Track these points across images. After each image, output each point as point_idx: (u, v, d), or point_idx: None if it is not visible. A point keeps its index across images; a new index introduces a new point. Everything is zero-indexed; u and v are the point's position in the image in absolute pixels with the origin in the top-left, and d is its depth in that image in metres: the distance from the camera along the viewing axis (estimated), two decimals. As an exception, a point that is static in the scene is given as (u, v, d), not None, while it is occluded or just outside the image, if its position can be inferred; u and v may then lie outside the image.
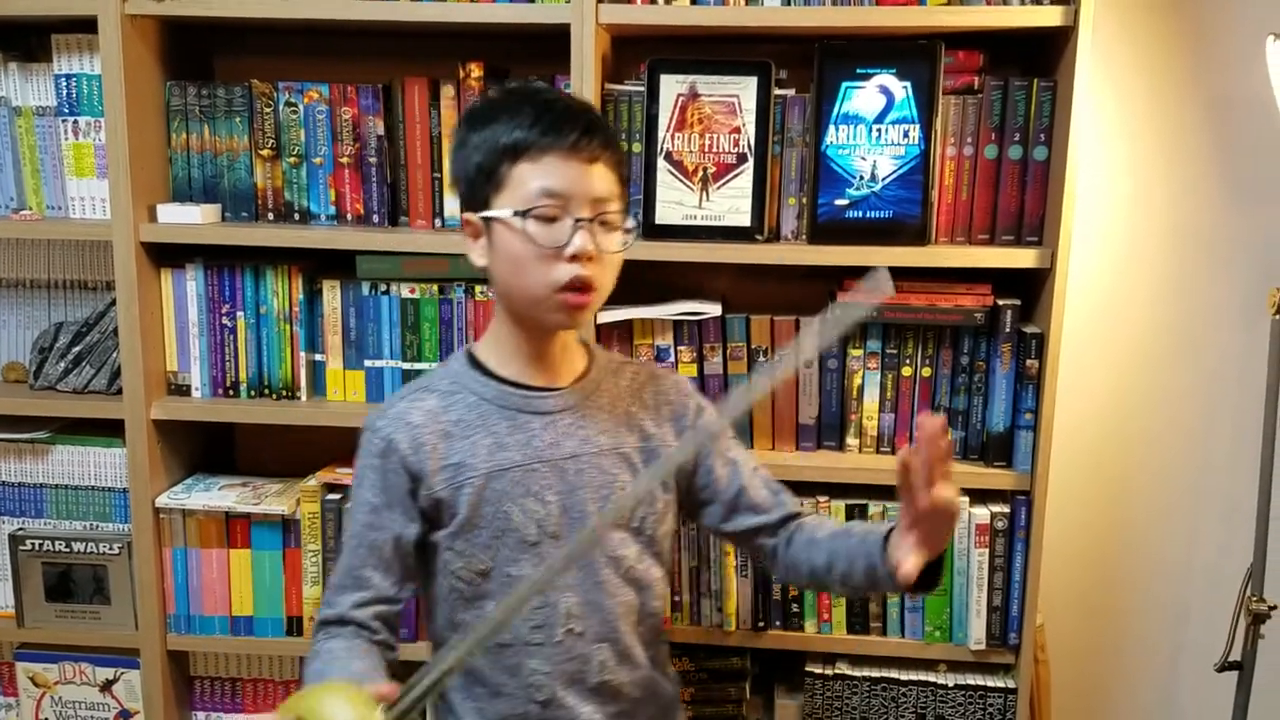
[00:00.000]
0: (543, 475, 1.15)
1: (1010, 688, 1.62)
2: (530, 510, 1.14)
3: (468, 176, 1.13)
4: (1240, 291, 1.79)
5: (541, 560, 1.14)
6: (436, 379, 1.20)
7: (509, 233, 1.09)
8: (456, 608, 1.17)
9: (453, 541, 1.15)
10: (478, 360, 1.19)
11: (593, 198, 1.09)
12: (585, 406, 1.19)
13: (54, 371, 1.71)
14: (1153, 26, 1.74)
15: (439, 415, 1.15)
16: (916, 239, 1.55)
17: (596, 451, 1.18)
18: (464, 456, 1.14)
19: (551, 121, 1.09)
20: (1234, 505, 1.82)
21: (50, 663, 1.76)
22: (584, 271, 1.09)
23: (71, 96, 1.63)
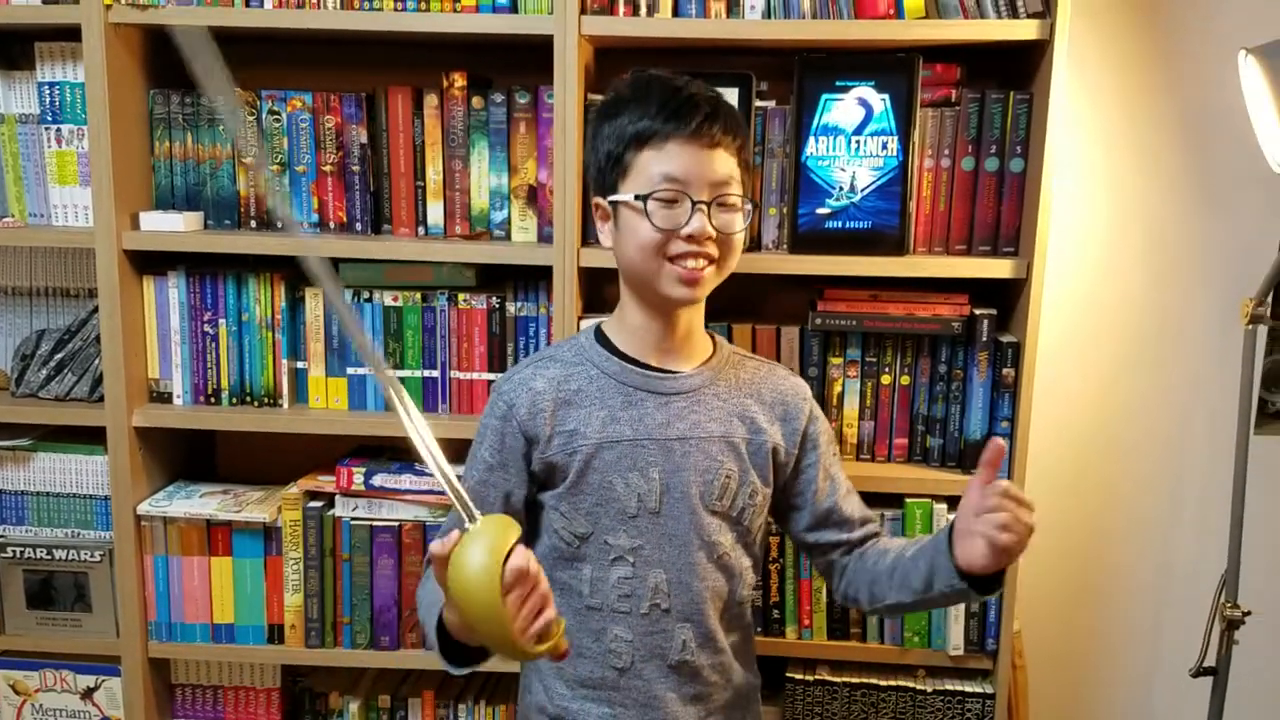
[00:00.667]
0: (650, 452, 1.20)
1: (988, 693, 1.63)
2: (634, 484, 1.19)
3: (598, 164, 1.20)
4: (1214, 301, 1.81)
5: (640, 533, 1.20)
6: (563, 349, 1.26)
7: (632, 215, 1.15)
8: (556, 565, 1.22)
9: (559, 503, 1.21)
10: (605, 336, 1.25)
11: (712, 181, 1.15)
12: (701, 393, 1.23)
13: (35, 379, 1.71)
14: (1128, 41, 1.77)
15: (560, 384, 1.21)
16: (895, 249, 1.57)
17: (705, 437, 1.22)
18: (578, 425, 1.20)
19: (674, 109, 1.14)
20: (1208, 512, 1.84)
21: (31, 670, 1.76)
22: (699, 248, 1.15)
23: (55, 104, 1.63)
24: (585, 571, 1.21)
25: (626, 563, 1.20)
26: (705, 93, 1.18)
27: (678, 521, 1.21)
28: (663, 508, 1.20)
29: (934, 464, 1.64)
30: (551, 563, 1.22)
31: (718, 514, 1.22)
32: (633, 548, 1.20)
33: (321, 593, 1.68)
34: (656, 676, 1.22)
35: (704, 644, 1.23)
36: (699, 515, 1.21)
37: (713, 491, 1.22)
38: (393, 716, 1.76)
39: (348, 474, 1.65)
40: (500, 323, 1.64)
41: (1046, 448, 1.83)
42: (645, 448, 1.20)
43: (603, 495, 1.20)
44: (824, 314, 1.60)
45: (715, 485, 1.22)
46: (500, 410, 1.22)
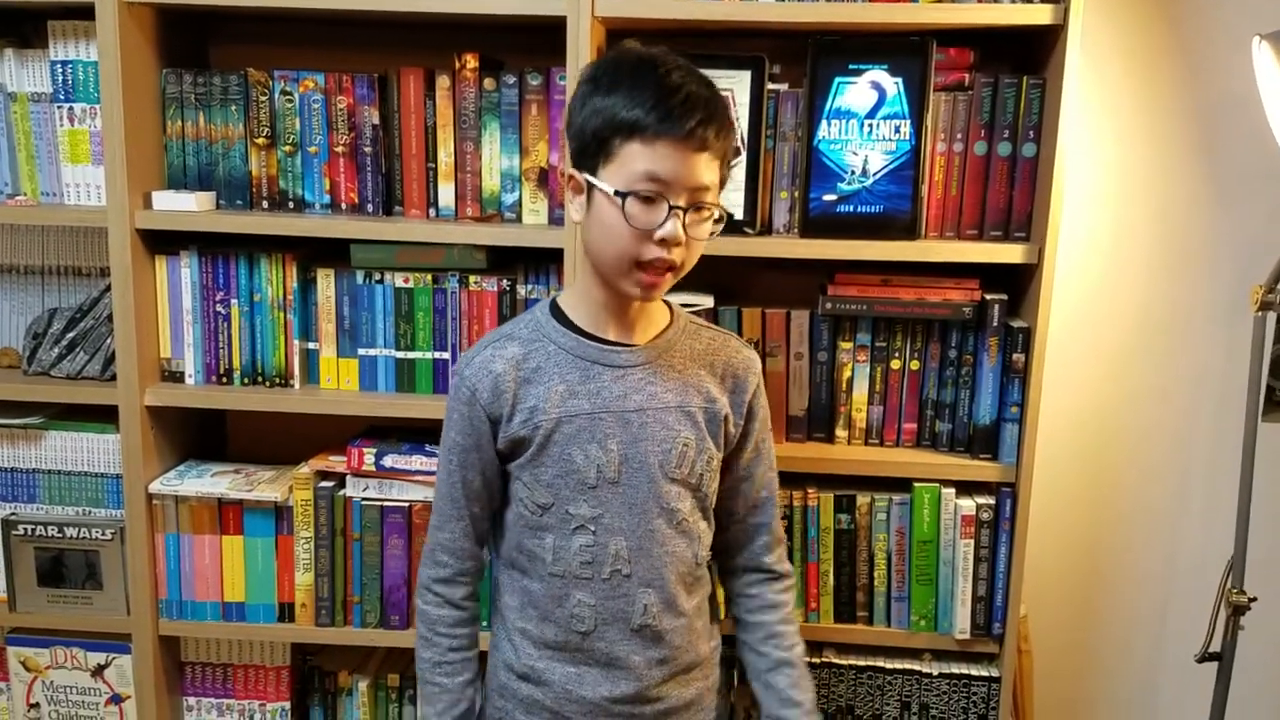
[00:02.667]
0: (608, 424, 1.22)
1: (994, 677, 1.64)
2: (593, 455, 1.21)
3: (581, 136, 1.16)
4: (1223, 288, 1.81)
5: (600, 503, 1.22)
6: (520, 327, 1.27)
7: (607, 204, 1.14)
8: (523, 534, 1.25)
9: (522, 474, 1.24)
10: (560, 311, 1.26)
11: (692, 186, 1.14)
12: (657, 364, 1.25)
13: (48, 357, 1.72)
14: (1141, 26, 1.76)
15: (520, 363, 1.23)
16: (906, 234, 1.57)
17: (662, 407, 1.24)
18: (538, 401, 1.21)
19: (670, 108, 1.11)
20: (1215, 499, 1.85)
21: (42, 647, 1.77)
22: (668, 255, 1.15)
23: (67, 83, 1.63)
24: (548, 540, 1.24)
25: (588, 531, 1.22)
26: (702, 91, 1.14)
27: (637, 490, 1.23)
28: (621, 477, 1.22)
29: (943, 449, 1.64)
30: (519, 531, 1.26)
31: (676, 481, 1.24)
32: (593, 516, 1.22)
33: (332, 572, 1.69)
34: (619, 639, 1.24)
35: (666, 608, 1.25)
36: (658, 484, 1.23)
37: (671, 460, 1.24)
38: (401, 695, 1.78)
39: (358, 454, 1.66)
40: (511, 305, 1.65)
41: (1055, 433, 1.84)
42: (603, 420, 1.22)
43: (563, 467, 1.22)
44: (834, 298, 1.60)
45: (673, 454, 1.24)
46: (464, 396, 1.24)
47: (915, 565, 1.64)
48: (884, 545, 1.64)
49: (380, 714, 1.79)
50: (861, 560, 1.65)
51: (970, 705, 1.65)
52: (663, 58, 1.16)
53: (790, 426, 1.67)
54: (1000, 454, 1.61)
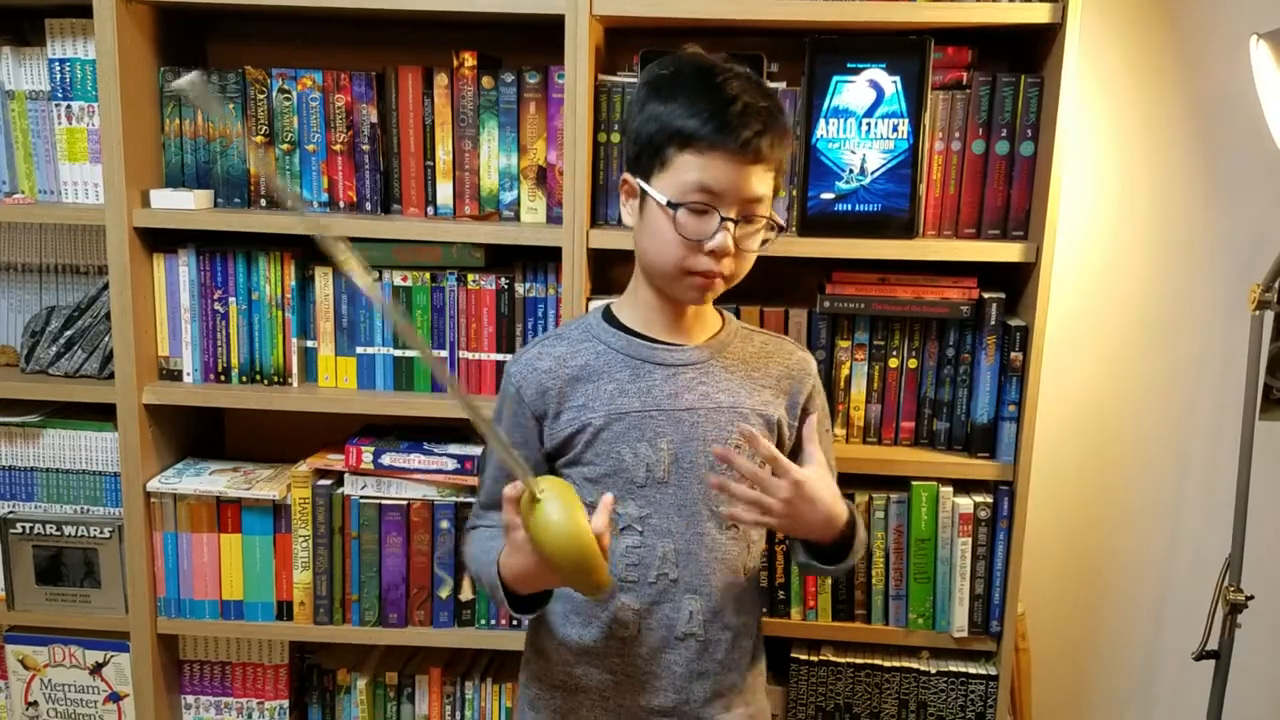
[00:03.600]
0: (659, 423, 1.21)
1: (991, 675, 1.64)
2: (642, 454, 1.20)
3: (637, 141, 1.17)
4: (1221, 286, 1.81)
5: (648, 503, 1.21)
6: (570, 328, 1.28)
7: (659, 212, 1.14)
8: None
9: (570, 472, 1.23)
10: (613, 315, 1.26)
11: (745, 198, 1.13)
12: (710, 365, 1.24)
13: (45, 355, 1.72)
14: (1139, 25, 1.76)
15: (566, 361, 1.22)
16: (904, 232, 1.57)
17: (714, 408, 1.22)
18: (587, 399, 1.21)
19: (727, 120, 1.10)
20: (1213, 497, 1.85)
21: (40, 645, 1.77)
22: (717, 266, 1.14)
23: (65, 81, 1.63)
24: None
25: (635, 531, 1.21)
26: (760, 102, 1.13)
27: (686, 491, 1.21)
28: (671, 478, 1.21)
29: (940, 447, 1.65)
30: None
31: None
32: (641, 516, 1.21)
33: (330, 570, 1.69)
34: (661, 647, 1.22)
35: (712, 618, 1.23)
36: (708, 485, 1.21)
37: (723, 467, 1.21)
38: (400, 693, 1.78)
39: (356, 453, 1.66)
40: (509, 303, 1.65)
41: (1053, 432, 1.84)
42: (654, 418, 1.21)
43: (611, 465, 1.20)
44: (832, 297, 1.60)
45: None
46: (510, 392, 1.24)
47: (913, 563, 1.64)
48: (882, 543, 1.64)
49: (379, 712, 1.79)
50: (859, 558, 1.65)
51: (968, 703, 1.65)
52: (722, 66, 1.16)
53: (788, 425, 1.67)
54: (998, 452, 1.61)
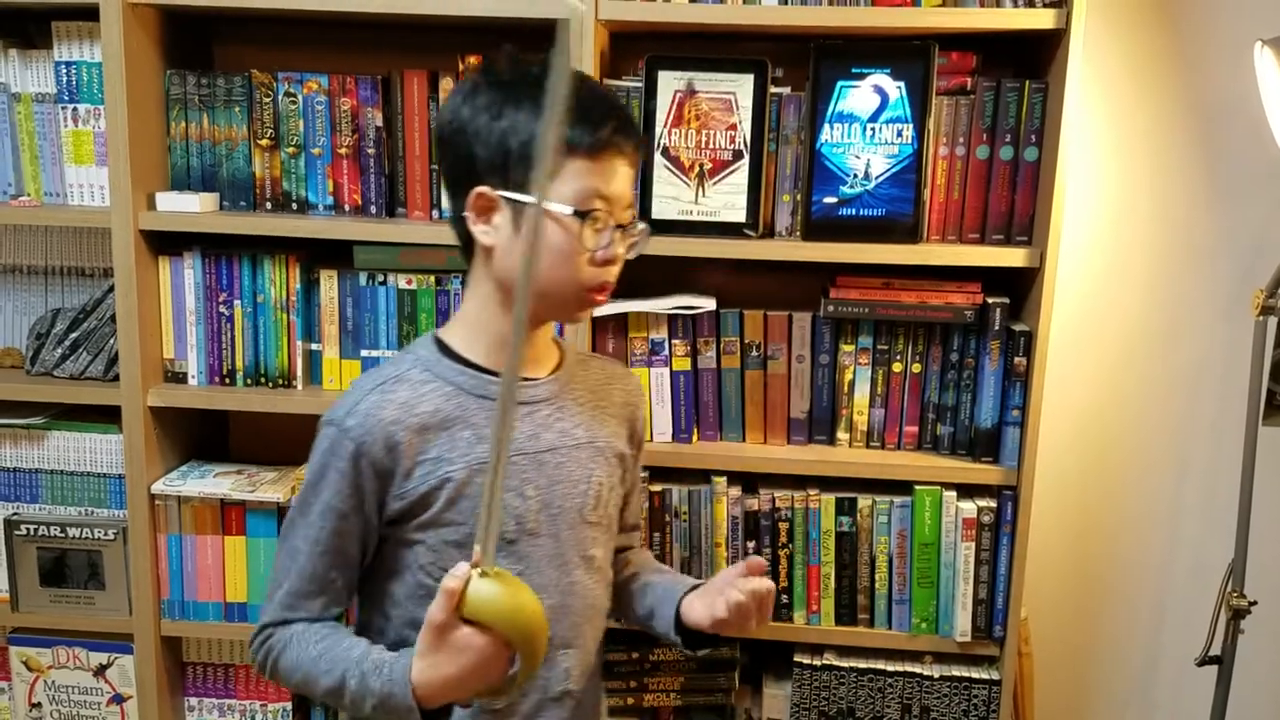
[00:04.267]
0: (523, 469, 1.10)
1: (994, 679, 1.64)
2: (510, 506, 1.09)
3: (502, 151, 1.04)
4: (1224, 292, 1.82)
5: (519, 558, 1.10)
6: (406, 367, 1.11)
7: (553, 226, 1.03)
8: (420, 607, 1.03)
9: (424, 536, 1.09)
10: (449, 348, 1.12)
11: (627, 204, 1.09)
12: (562, 398, 1.16)
13: (51, 357, 1.72)
14: (1143, 31, 1.77)
15: (413, 407, 1.08)
16: (908, 237, 1.58)
17: (574, 444, 1.15)
18: (442, 451, 1.08)
19: (619, 125, 1.06)
20: (1216, 502, 1.85)
21: (44, 647, 1.77)
22: (611, 278, 1.10)
23: (71, 84, 1.64)
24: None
25: None
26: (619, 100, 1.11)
27: (557, 540, 1.13)
28: (541, 528, 1.11)
29: (944, 452, 1.65)
30: (417, 602, 1.09)
31: (594, 525, 1.16)
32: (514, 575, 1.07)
33: (333, 573, 1.69)
34: (536, 712, 1.13)
35: (583, 671, 1.17)
36: (577, 530, 1.14)
37: (589, 503, 1.15)
38: (403, 696, 1.78)
39: (361, 455, 1.66)
40: (513, 306, 1.65)
41: (1057, 436, 1.84)
42: (518, 464, 1.10)
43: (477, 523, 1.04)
44: (836, 301, 1.60)
45: (590, 495, 1.15)
46: (347, 450, 1.06)
47: (916, 568, 1.64)
48: (885, 548, 1.64)
49: (381, 715, 1.79)
50: (863, 563, 1.65)
51: (971, 708, 1.65)
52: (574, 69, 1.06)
53: (792, 429, 1.67)
54: (1001, 457, 1.61)
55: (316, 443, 1.10)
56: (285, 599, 1.10)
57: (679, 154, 1.60)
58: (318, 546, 1.08)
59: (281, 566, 1.11)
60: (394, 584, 1.12)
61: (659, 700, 1.71)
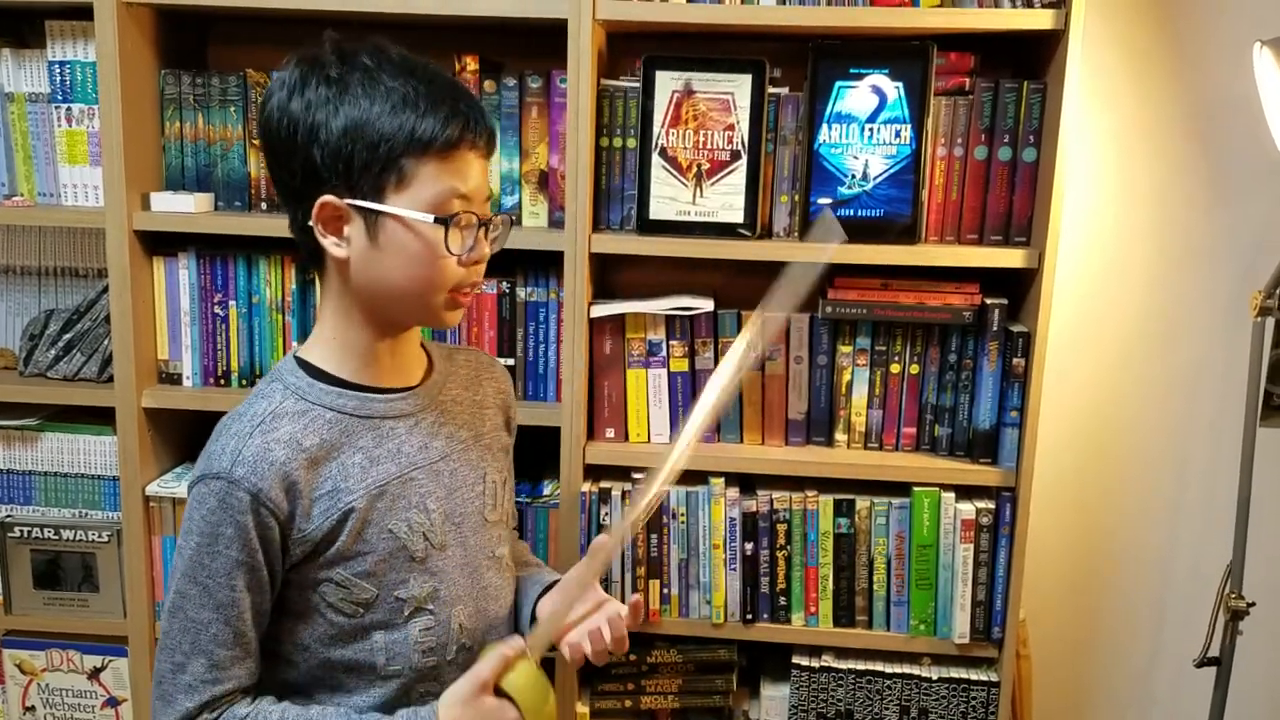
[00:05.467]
0: (421, 483, 1.07)
1: (993, 681, 1.64)
2: (416, 523, 1.06)
3: (345, 153, 0.97)
4: (1223, 293, 1.82)
5: (431, 575, 1.07)
6: (278, 399, 1.03)
7: (407, 233, 0.98)
8: (334, 646, 1.05)
9: (330, 573, 1.03)
10: (317, 369, 1.06)
11: (485, 197, 1.04)
12: (441, 401, 1.12)
13: (44, 358, 1.71)
14: (1142, 32, 1.76)
15: (299, 442, 1.01)
16: (907, 238, 1.57)
17: (464, 447, 1.12)
18: (336, 481, 1.02)
19: (469, 117, 0.99)
20: (1214, 503, 1.85)
21: (38, 650, 1.76)
22: (478, 276, 1.05)
23: (65, 83, 1.63)
24: (378, 639, 1.05)
25: (426, 612, 1.06)
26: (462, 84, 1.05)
27: (464, 548, 1.10)
28: (448, 539, 1.08)
29: (942, 453, 1.64)
30: (327, 645, 1.05)
31: (494, 524, 1.15)
32: (429, 594, 1.06)
33: (329, 575, 1.69)
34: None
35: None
36: (481, 533, 1.12)
37: (488, 503, 1.13)
38: (399, 699, 1.77)
39: (357, 457, 1.65)
40: (510, 308, 1.64)
41: (1055, 438, 1.84)
42: (415, 480, 1.06)
43: (387, 548, 1.03)
44: (834, 302, 1.60)
45: (488, 495, 1.13)
46: (241, 503, 0.97)
47: (915, 569, 1.64)
48: (883, 549, 1.64)
49: (377, 717, 1.79)
50: (861, 564, 1.65)
51: (969, 710, 1.65)
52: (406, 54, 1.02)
53: (790, 430, 1.67)
54: (1000, 458, 1.61)
55: (197, 501, 1.00)
56: (205, 674, 0.99)
57: (676, 154, 1.59)
58: (231, 610, 0.99)
59: (185, 643, 0.99)
60: (300, 628, 1.05)
61: (657, 703, 1.71)
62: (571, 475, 1.61)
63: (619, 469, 1.65)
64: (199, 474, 1.01)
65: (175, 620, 1.00)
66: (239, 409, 1.05)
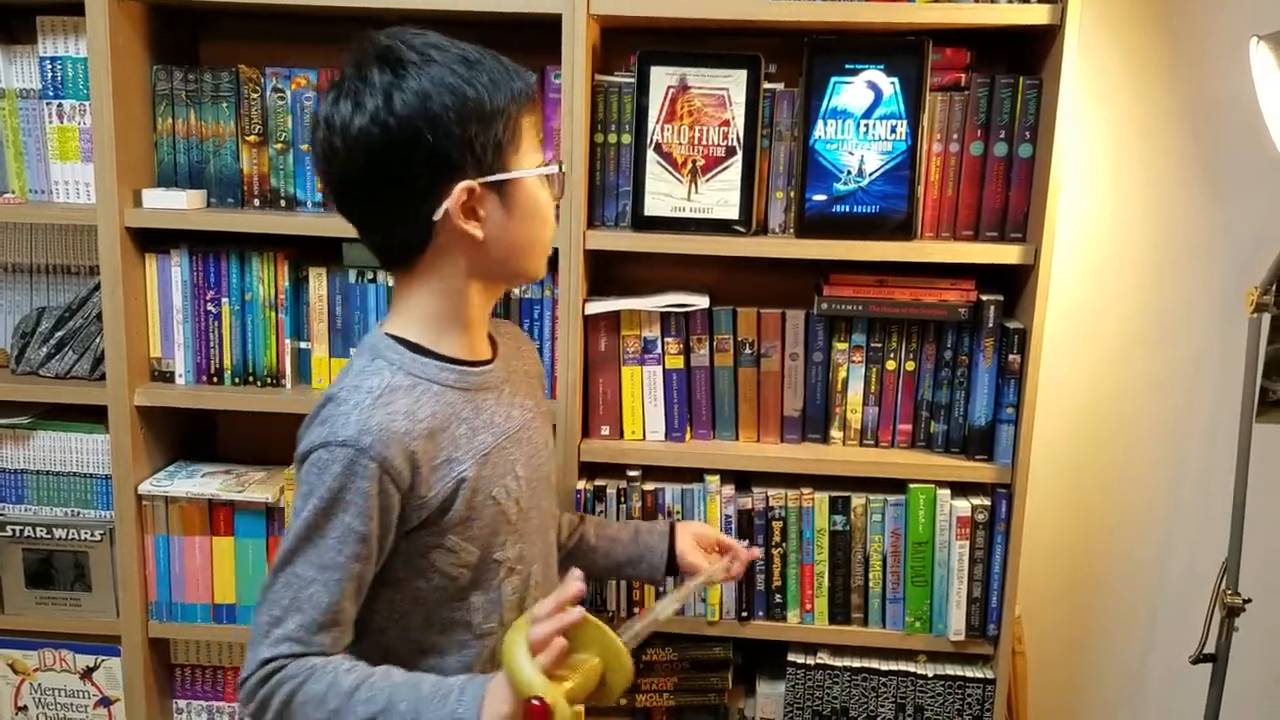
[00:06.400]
0: (510, 451, 1.13)
1: (988, 678, 1.64)
2: (511, 489, 1.12)
3: (468, 138, 1.00)
4: (1219, 290, 1.81)
5: (520, 537, 1.13)
6: (388, 375, 1.06)
7: (534, 191, 1.07)
8: (439, 607, 1.10)
9: (443, 539, 1.07)
10: (413, 344, 1.09)
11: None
12: (511, 374, 1.18)
13: (36, 356, 1.70)
14: (1138, 27, 1.76)
15: (415, 415, 1.04)
16: (902, 234, 1.57)
17: (532, 415, 1.19)
18: (449, 452, 1.07)
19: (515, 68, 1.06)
20: (1210, 500, 1.85)
21: (30, 649, 1.75)
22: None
23: (56, 79, 1.62)
24: (476, 599, 1.11)
25: (515, 572, 1.14)
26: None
27: (540, 511, 1.18)
28: (528, 503, 1.15)
29: (938, 450, 1.64)
30: (431, 607, 1.10)
31: (551, 485, 1.24)
32: (518, 554, 1.13)
33: (323, 573, 1.68)
34: None
35: None
36: (549, 496, 1.22)
37: (550, 466, 1.23)
38: (393, 698, 1.76)
39: (350, 455, 1.64)
40: (505, 304, 1.64)
41: (1051, 434, 1.84)
42: (507, 449, 1.12)
43: (491, 514, 1.09)
44: (830, 298, 1.59)
45: (549, 462, 1.22)
46: (367, 470, 1.00)
47: (910, 567, 1.63)
48: (879, 546, 1.64)
49: (372, 716, 1.78)
50: (856, 561, 1.65)
51: (965, 707, 1.64)
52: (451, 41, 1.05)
53: (785, 427, 1.66)
54: (995, 455, 1.61)
55: (322, 466, 1.01)
56: (296, 632, 1.01)
57: (671, 150, 1.59)
58: (334, 574, 1.01)
59: (285, 598, 1.01)
60: (398, 596, 1.09)
61: (652, 701, 1.70)
62: (566, 473, 1.61)
63: (614, 466, 1.65)
64: (320, 441, 1.02)
65: (280, 576, 1.02)
66: (347, 383, 1.06)
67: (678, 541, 1.38)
